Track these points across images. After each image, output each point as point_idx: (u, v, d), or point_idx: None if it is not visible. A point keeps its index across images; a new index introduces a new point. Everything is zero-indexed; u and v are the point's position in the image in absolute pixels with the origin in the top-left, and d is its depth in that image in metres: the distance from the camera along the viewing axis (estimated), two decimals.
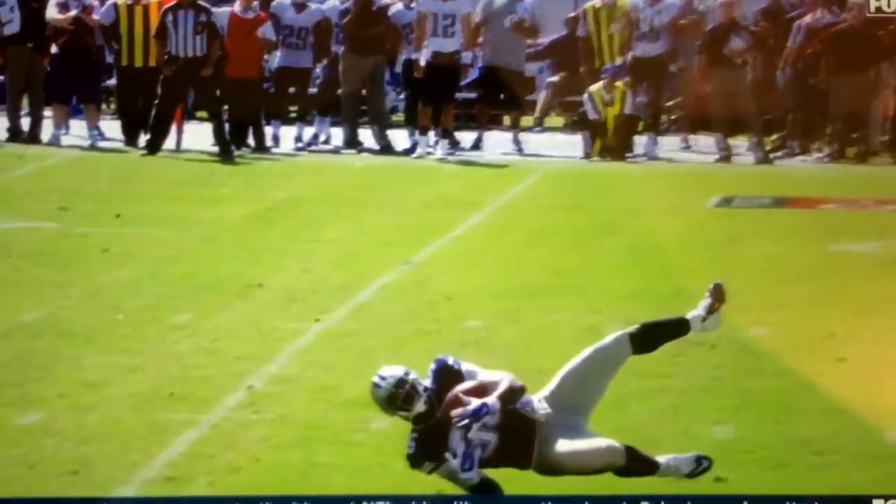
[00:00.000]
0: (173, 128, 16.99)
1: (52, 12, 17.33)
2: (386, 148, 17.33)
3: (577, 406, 6.33)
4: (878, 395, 7.51)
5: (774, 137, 17.22)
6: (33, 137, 17.42)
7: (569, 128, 18.79)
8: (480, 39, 17.45)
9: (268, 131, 17.40)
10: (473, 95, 18.15)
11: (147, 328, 8.92)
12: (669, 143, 17.44)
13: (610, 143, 16.77)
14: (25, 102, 17.72)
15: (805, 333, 8.82)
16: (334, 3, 17.76)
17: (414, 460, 6.22)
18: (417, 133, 17.12)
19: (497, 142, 17.60)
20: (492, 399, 6.16)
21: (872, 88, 16.46)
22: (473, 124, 18.20)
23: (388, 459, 6.62)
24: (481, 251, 11.36)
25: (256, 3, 17.41)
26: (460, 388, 6.22)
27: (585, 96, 16.90)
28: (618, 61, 17.13)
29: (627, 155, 16.81)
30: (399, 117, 18.65)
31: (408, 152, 17.13)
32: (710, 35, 16.74)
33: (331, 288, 9.98)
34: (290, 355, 8.43)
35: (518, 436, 6.19)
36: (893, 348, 8.30)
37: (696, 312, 6.56)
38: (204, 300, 9.62)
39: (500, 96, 17.57)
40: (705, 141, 17.30)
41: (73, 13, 17.31)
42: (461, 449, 6.16)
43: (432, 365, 6.33)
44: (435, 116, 17.00)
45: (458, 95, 17.71)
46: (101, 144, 17.37)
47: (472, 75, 18.21)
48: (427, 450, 6.18)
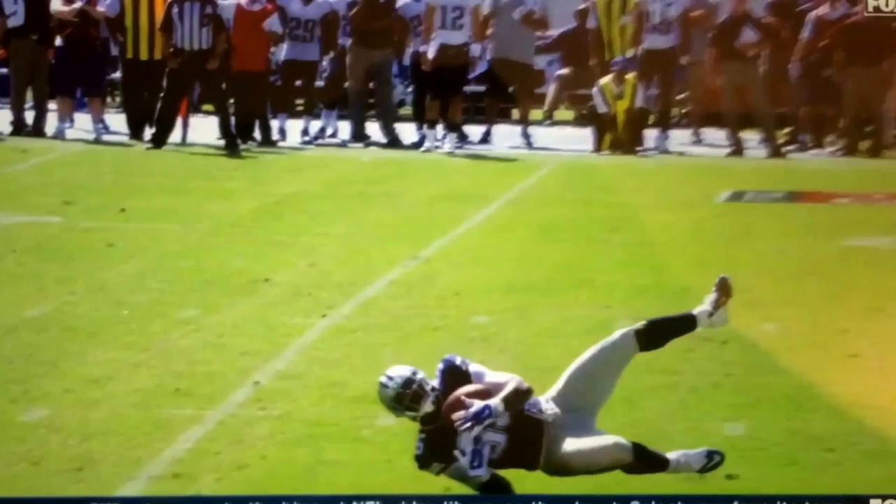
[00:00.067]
0: (179, 121, 16.95)
1: (57, 4, 17.29)
2: (393, 142, 17.28)
3: (585, 405, 6.29)
4: (892, 392, 7.49)
5: (786, 131, 17.16)
6: (37, 131, 17.40)
7: (578, 121, 18.73)
8: (489, 32, 17.41)
9: (274, 125, 17.37)
10: (482, 88, 18.11)
11: (152, 323, 8.90)
12: (680, 137, 17.41)
13: (620, 137, 16.70)
14: (29, 95, 17.67)
15: (817, 329, 8.79)
16: None
17: (422, 461, 6.17)
18: (425, 127, 17.06)
19: (506, 135, 17.57)
20: (494, 401, 6.11)
21: (885, 81, 16.41)
22: (482, 118, 18.17)
23: (396, 456, 6.58)
24: (490, 246, 11.33)
25: None
26: (462, 391, 6.18)
27: (595, 89, 16.83)
28: (628, 54, 17.07)
29: (637, 149, 16.76)
30: (407, 111, 18.62)
31: (415, 146, 17.09)
32: (722, 27, 16.69)
33: (338, 283, 9.95)
34: (297, 351, 8.40)
35: (526, 437, 6.16)
36: None
37: (703, 308, 6.51)
38: (210, 295, 9.60)
39: (509, 89, 17.51)
40: (716, 135, 17.28)
41: (78, 5, 17.26)
42: (470, 447, 6.11)
43: (440, 365, 6.29)
44: (443, 110, 16.94)
45: (467, 89, 17.66)
46: (106, 138, 17.35)
47: (481, 68, 18.15)
48: (435, 450, 6.14)
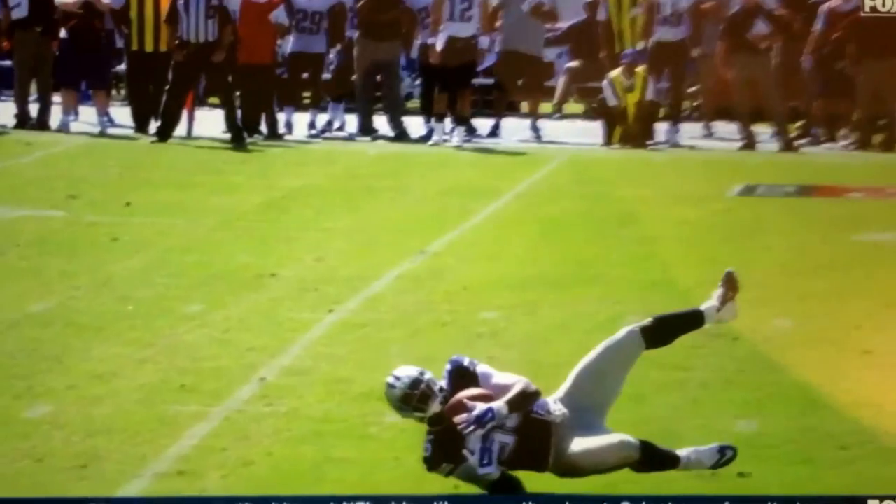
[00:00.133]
0: (184, 114, 16.90)
1: None
2: (401, 135, 17.24)
3: (593, 405, 6.25)
4: None
5: (798, 124, 17.10)
6: (42, 124, 17.37)
7: (588, 114, 18.67)
8: (498, 24, 17.37)
9: (280, 118, 17.35)
10: (491, 81, 18.07)
11: (157, 319, 8.87)
12: (691, 131, 17.39)
13: (630, 131, 16.65)
14: (34, 88, 17.63)
15: (830, 325, 8.75)
16: None
17: (431, 463, 6.13)
18: (433, 120, 17.02)
19: (515, 129, 17.55)
20: (498, 404, 6.07)
21: None
22: (490, 111, 18.11)
23: (404, 453, 6.54)
24: (498, 241, 11.30)
25: None
26: (465, 394, 6.14)
27: (605, 82, 16.78)
28: (638, 46, 17.01)
29: (648, 142, 16.72)
30: (414, 104, 18.61)
31: (423, 139, 17.05)
32: (733, 20, 16.63)
33: (345, 278, 9.92)
34: (304, 347, 8.38)
35: (535, 438, 6.12)
36: None
37: (711, 303, 6.47)
38: (215, 290, 9.58)
39: (518, 82, 17.44)
40: (728, 128, 17.23)
41: None
42: (479, 445, 6.06)
43: (447, 366, 6.26)
44: (451, 103, 16.88)
45: (475, 81, 17.61)
46: (111, 131, 17.34)
47: (490, 61, 18.10)
48: (444, 451, 6.09)
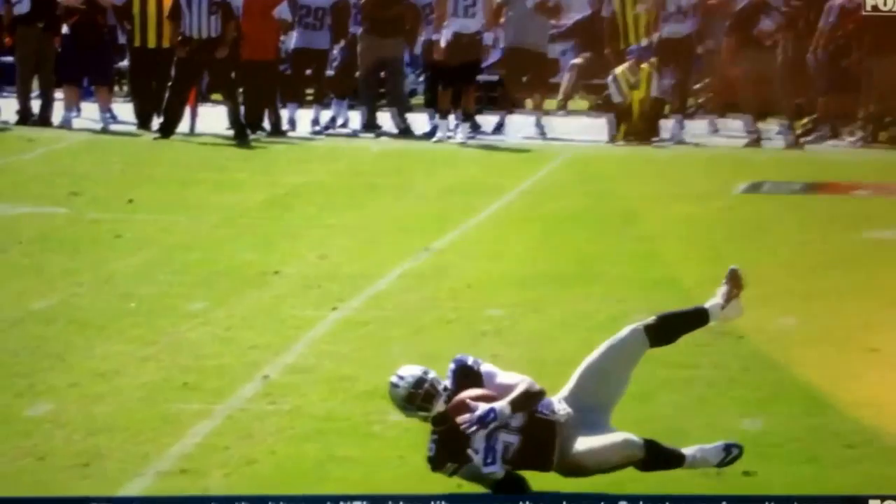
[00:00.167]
0: (187, 111, 16.88)
1: None
2: (405, 132, 17.21)
3: (598, 404, 6.23)
4: None
5: (805, 121, 17.06)
6: (44, 120, 17.36)
7: (593, 111, 18.64)
8: (502, 20, 17.34)
9: (284, 114, 17.32)
10: (495, 77, 18.04)
11: (160, 316, 8.87)
12: (697, 127, 17.37)
13: (636, 127, 16.62)
14: (36, 84, 17.61)
15: (836, 323, 8.74)
16: None
17: (435, 463, 6.11)
18: (437, 116, 17.00)
19: (519, 125, 17.53)
20: (501, 405, 6.05)
21: None
22: (495, 107, 18.08)
23: (408, 452, 6.52)
24: (503, 238, 11.29)
25: None
26: (468, 394, 6.13)
27: (610, 78, 16.75)
28: (644, 42, 16.98)
29: (653, 139, 16.70)
30: (418, 100, 18.58)
31: (427, 136, 17.03)
32: (740, 15, 16.61)
33: (348, 275, 9.91)
34: (307, 344, 8.37)
35: (539, 438, 6.10)
36: None
37: (715, 301, 6.45)
38: (218, 288, 9.58)
39: (523, 78, 17.41)
40: (734, 125, 17.22)
41: None
42: (483, 444, 6.04)
43: (451, 365, 6.24)
44: (455, 99, 16.86)
45: (480, 78, 17.58)
46: (114, 127, 17.32)
47: (494, 57, 18.07)
48: (448, 451, 6.07)
